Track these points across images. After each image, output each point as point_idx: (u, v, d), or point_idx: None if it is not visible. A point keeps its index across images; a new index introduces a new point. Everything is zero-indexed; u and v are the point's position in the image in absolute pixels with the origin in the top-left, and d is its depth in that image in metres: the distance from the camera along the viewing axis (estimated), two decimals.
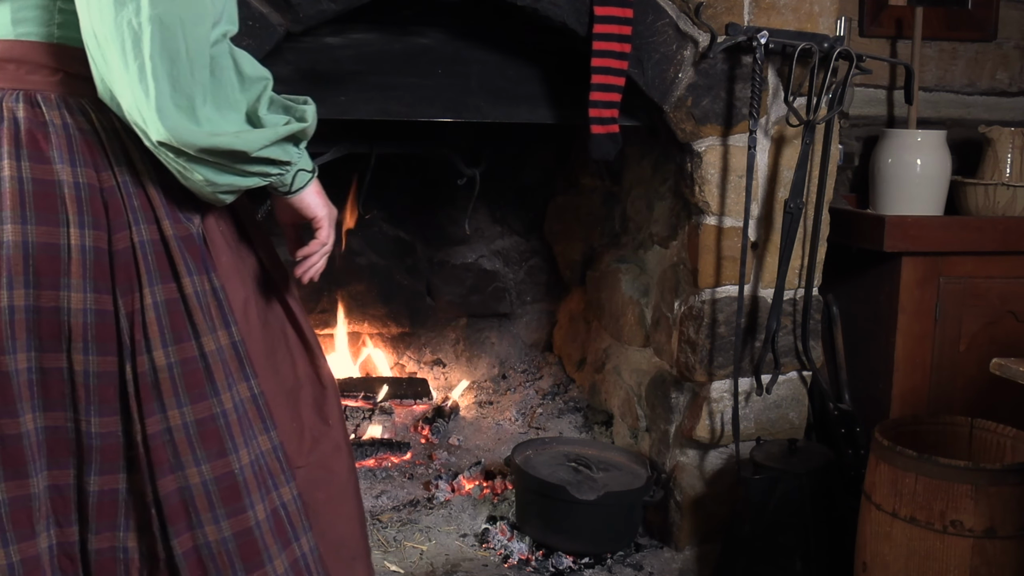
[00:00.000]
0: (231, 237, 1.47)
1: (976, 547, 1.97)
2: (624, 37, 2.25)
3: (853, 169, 3.14)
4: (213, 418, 1.34)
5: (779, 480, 2.37)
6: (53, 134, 1.29)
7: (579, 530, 2.53)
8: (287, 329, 1.56)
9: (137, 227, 1.32)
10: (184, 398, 1.32)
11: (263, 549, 1.36)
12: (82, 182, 1.29)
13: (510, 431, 3.19)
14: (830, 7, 2.45)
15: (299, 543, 1.42)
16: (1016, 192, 2.77)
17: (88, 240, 1.29)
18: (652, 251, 2.84)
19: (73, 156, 1.29)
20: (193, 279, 1.35)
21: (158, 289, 1.32)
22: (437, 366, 3.47)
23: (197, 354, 1.34)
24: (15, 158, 1.27)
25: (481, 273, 3.47)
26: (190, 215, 1.37)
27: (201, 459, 1.33)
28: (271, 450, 1.42)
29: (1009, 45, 3.21)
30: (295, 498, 1.43)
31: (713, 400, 2.56)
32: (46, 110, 1.30)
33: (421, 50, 2.30)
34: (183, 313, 1.34)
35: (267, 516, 1.38)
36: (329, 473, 1.56)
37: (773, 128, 2.49)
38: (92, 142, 1.31)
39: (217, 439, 1.34)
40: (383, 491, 2.80)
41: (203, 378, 1.35)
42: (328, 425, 1.58)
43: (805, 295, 2.56)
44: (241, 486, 1.35)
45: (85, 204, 1.29)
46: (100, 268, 1.31)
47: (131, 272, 1.32)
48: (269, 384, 1.48)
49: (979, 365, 2.55)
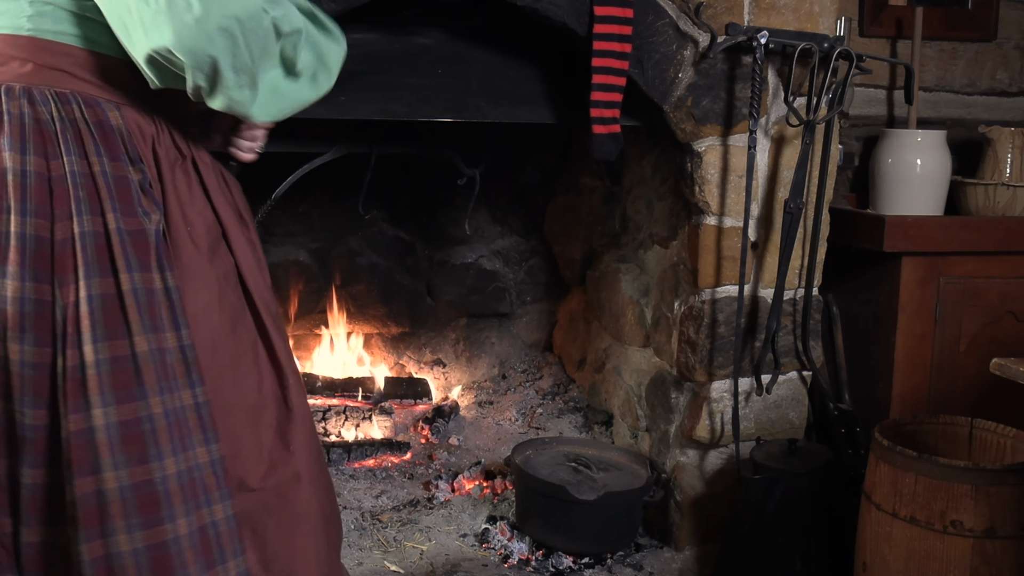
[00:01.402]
0: (204, 239, 1.44)
1: (976, 547, 1.97)
2: (624, 37, 2.25)
3: (853, 169, 3.14)
4: (138, 421, 1.29)
5: (779, 480, 2.37)
6: (7, 123, 1.30)
7: (579, 530, 2.53)
8: (258, 345, 1.51)
9: (80, 217, 1.31)
10: (109, 397, 1.28)
11: (178, 567, 1.29)
12: (29, 170, 1.29)
13: (510, 431, 3.19)
14: (830, 7, 2.45)
15: (225, 566, 1.35)
16: (1016, 192, 2.77)
17: (29, 228, 1.29)
18: (652, 251, 2.84)
19: (24, 144, 1.30)
20: (133, 275, 1.32)
21: (95, 282, 1.30)
22: (437, 366, 3.47)
23: (128, 353, 1.30)
24: None
25: (481, 273, 3.47)
26: (149, 211, 1.36)
27: (120, 463, 1.27)
28: (208, 463, 1.36)
29: (1009, 45, 3.21)
30: (229, 518, 1.37)
31: (713, 400, 2.56)
32: (6, 100, 1.31)
33: (421, 50, 2.30)
34: (118, 309, 1.31)
35: (191, 532, 1.31)
36: (283, 502, 1.49)
37: (773, 128, 2.49)
38: (48, 132, 1.31)
39: (140, 444, 1.29)
40: (383, 491, 2.80)
41: (132, 379, 1.30)
42: (289, 451, 1.51)
43: (805, 295, 2.56)
44: (161, 496, 1.29)
45: (29, 192, 1.29)
46: (40, 257, 1.29)
47: (69, 263, 1.30)
48: (227, 394, 1.43)
49: (979, 365, 2.55)
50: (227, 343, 1.45)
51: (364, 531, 2.61)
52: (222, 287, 1.46)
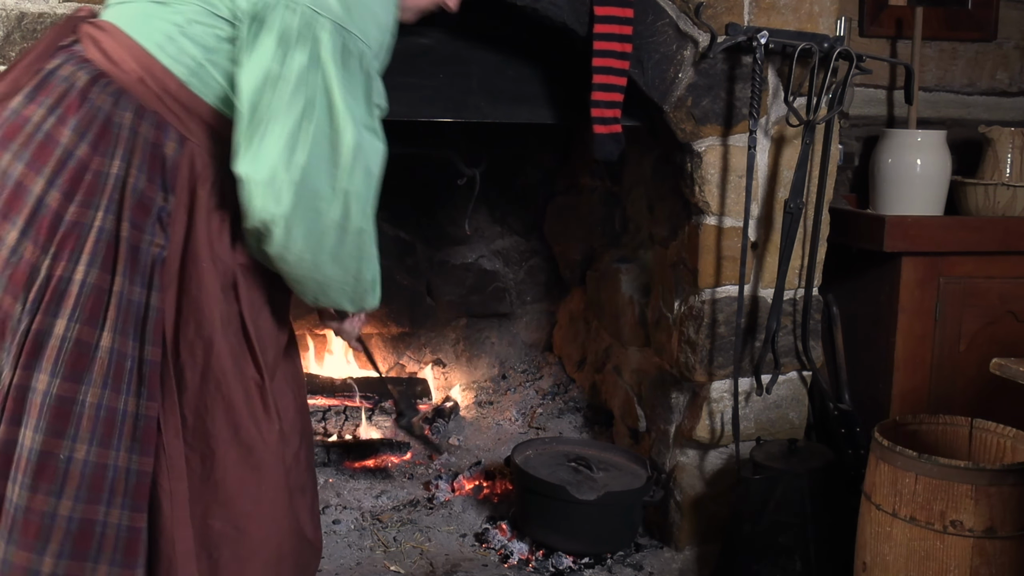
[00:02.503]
0: (225, 278, 1.52)
1: (976, 547, 1.97)
2: (624, 37, 2.25)
3: (853, 169, 3.14)
4: (71, 401, 1.37)
5: (779, 480, 2.37)
6: (84, 109, 1.42)
7: (579, 530, 2.53)
8: (252, 388, 1.57)
9: (104, 213, 1.41)
10: (58, 370, 1.37)
11: (44, 540, 1.36)
12: (76, 153, 1.41)
13: (510, 431, 3.19)
14: (830, 7, 2.45)
15: (95, 567, 1.39)
16: (1016, 192, 2.77)
17: (64, 209, 1.40)
18: (652, 251, 2.84)
19: (85, 131, 1.41)
20: (125, 282, 1.41)
21: (93, 272, 1.39)
22: (437, 366, 3.47)
23: (92, 342, 1.39)
24: (68, 126, 1.42)
25: (481, 273, 3.47)
26: (154, 234, 1.45)
27: (38, 428, 1.36)
28: (125, 470, 1.41)
29: (1009, 45, 3.21)
30: (123, 528, 1.41)
31: (713, 400, 2.56)
32: (95, 91, 1.44)
33: (421, 50, 2.30)
34: (102, 304, 1.40)
35: (72, 517, 1.37)
36: (240, 534, 1.55)
37: (773, 128, 2.49)
38: (111, 132, 1.42)
39: (62, 420, 1.37)
40: (383, 491, 2.80)
41: (85, 364, 1.38)
42: (260, 489, 1.57)
43: (805, 295, 2.56)
44: (58, 472, 1.36)
45: (65, 172, 1.40)
46: (51, 227, 1.40)
47: (75, 243, 1.39)
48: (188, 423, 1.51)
49: (979, 365, 2.55)
50: (226, 376, 1.53)
51: (364, 531, 2.61)
52: (229, 325, 1.54)
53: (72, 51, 1.50)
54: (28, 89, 1.46)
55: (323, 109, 1.43)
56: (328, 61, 1.43)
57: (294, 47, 1.42)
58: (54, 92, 1.44)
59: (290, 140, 1.41)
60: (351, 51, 1.46)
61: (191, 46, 1.45)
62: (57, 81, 1.45)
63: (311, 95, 1.42)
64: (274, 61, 1.42)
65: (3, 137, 1.43)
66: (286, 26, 1.42)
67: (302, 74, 1.42)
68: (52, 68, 1.47)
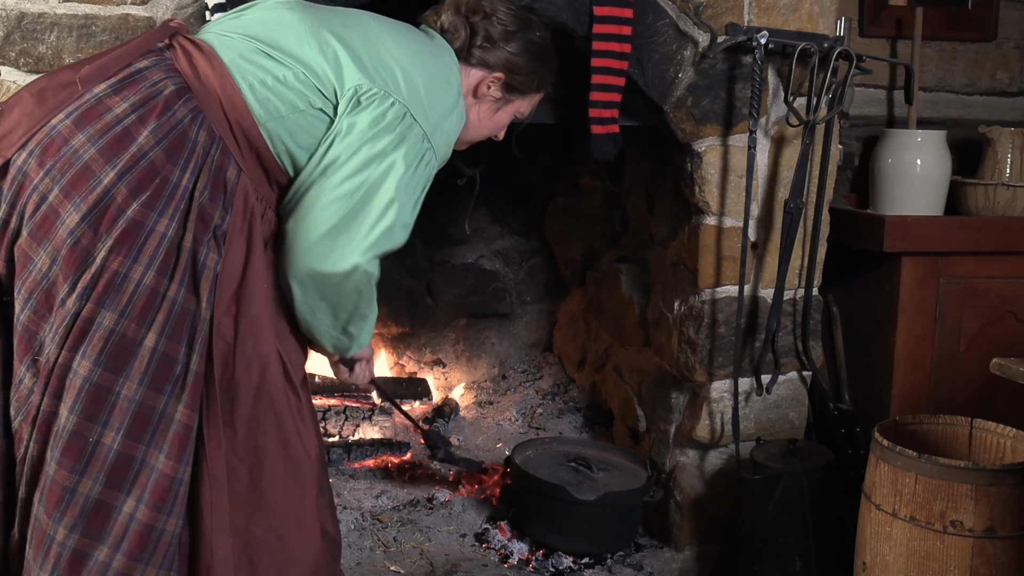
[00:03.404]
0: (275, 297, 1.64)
1: (976, 547, 1.97)
2: (624, 37, 2.25)
3: (853, 169, 3.13)
4: (108, 391, 1.44)
5: (779, 480, 2.37)
6: (167, 116, 1.49)
7: (579, 530, 2.53)
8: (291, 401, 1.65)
9: (169, 221, 1.46)
10: (100, 360, 1.43)
11: (62, 511, 1.43)
12: (150, 155, 1.46)
13: (510, 431, 3.19)
14: (830, 7, 2.45)
15: (99, 545, 1.45)
16: (1016, 192, 2.77)
17: (128, 205, 1.44)
18: (652, 251, 2.84)
19: (162, 138, 1.48)
20: (180, 289, 1.47)
21: (150, 275, 1.45)
22: (437, 366, 3.47)
23: (137, 339, 1.44)
24: (148, 128, 1.49)
25: (481, 273, 3.47)
26: (211, 249, 1.51)
27: (74, 410, 1.43)
28: (151, 467, 1.46)
29: (1009, 45, 3.21)
30: (134, 519, 1.46)
31: (713, 400, 2.56)
32: (181, 104, 1.51)
33: None
34: (154, 305, 1.45)
35: (88, 496, 1.44)
36: (281, 543, 1.62)
37: (773, 128, 2.49)
38: (186, 145, 1.50)
39: (96, 406, 1.43)
40: (383, 491, 2.80)
41: (126, 359, 1.44)
42: (303, 504, 1.66)
43: (805, 295, 2.55)
44: (84, 453, 1.43)
45: (136, 170, 1.45)
46: (108, 220, 1.44)
47: (135, 241, 1.44)
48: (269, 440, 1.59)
49: (979, 365, 2.55)
50: (278, 394, 1.61)
51: (364, 531, 2.61)
52: (269, 361, 1.62)
53: (163, 57, 1.56)
54: (114, 80, 1.50)
55: (378, 194, 1.58)
56: (402, 158, 1.59)
57: (382, 134, 1.58)
58: (140, 92, 1.50)
59: (341, 214, 1.56)
60: (425, 160, 1.65)
61: (279, 99, 1.57)
62: (145, 83, 1.51)
63: (376, 177, 1.57)
64: (358, 138, 1.57)
65: (80, 117, 1.47)
66: (381, 114, 1.58)
67: (377, 156, 1.57)
68: (141, 68, 1.53)
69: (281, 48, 1.59)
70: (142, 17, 2.03)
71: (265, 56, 1.58)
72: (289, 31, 1.61)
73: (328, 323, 1.68)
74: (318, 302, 1.63)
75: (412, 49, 1.69)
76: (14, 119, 1.47)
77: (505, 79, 1.85)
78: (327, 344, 1.74)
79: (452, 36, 1.80)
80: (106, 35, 2.02)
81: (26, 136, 1.46)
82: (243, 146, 1.57)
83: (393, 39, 1.68)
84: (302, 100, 1.58)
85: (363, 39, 1.65)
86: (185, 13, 2.04)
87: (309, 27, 1.62)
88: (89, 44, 2.01)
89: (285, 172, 1.63)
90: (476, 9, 1.82)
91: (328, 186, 1.57)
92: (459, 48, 1.80)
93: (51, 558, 1.44)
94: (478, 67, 1.82)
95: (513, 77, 1.85)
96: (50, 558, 1.44)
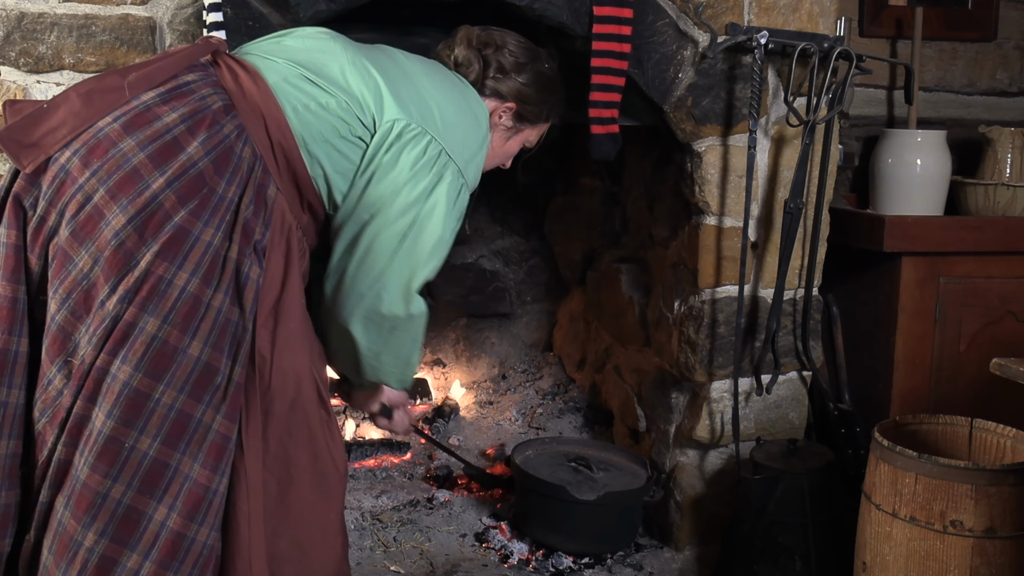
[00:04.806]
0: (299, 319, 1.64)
1: (976, 547, 1.97)
2: (624, 37, 2.25)
3: (853, 169, 3.13)
4: (147, 397, 1.42)
5: (779, 480, 2.37)
6: (217, 134, 1.51)
7: (579, 530, 2.53)
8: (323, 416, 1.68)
9: (215, 231, 1.47)
10: (141, 366, 1.41)
11: (92, 516, 1.41)
12: (199, 165, 1.48)
13: (510, 431, 3.19)
14: (830, 7, 2.45)
15: (128, 553, 1.43)
16: (1016, 192, 2.77)
17: (176, 212, 1.45)
18: (652, 251, 2.84)
19: (211, 150, 1.49)
20: (225, 300, 1.47)
21: (194, 282, 1.44)
22: (437, 366, 3.47)
23: (179, 347, 1.43)
24: (197, 139, 1.50)
25: (481, 273, 3.47)
26: (253, 261, 1.51)
27: (110, 414, 1.41)
28: (184, 475, 1.45)
29: (1009, 45, 3.21)
30: (166, 527, 1.45)
31: (713, 400, 2.56)
32: (229, 122, 1.54)
33: (421, 50, 2.29)
34: (198, 313, 1.44)
35: (120, 501, 1.42)
36: (304, 555, 1.63)
37: (773, 128, 2.49)
38: (232, 159, 1.52)
39: (134, 413, 1.41)
40: (383, 491, 2.80)
41: (167, 366, 1.42)
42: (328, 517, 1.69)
43: (805, 295, 2.55)
44: (120, 458, 1.41)
45: (185, 179, 1.46)
46: (157, 225, 1.45)
47: (182, 248, 1.44)
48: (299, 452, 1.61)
49: (979, 365, 2.55)
50: (311, 408, 1.63)
51: (364, 531, 2.61)
52: (299, 379, 1.64)
53: (208, 72, 1.58)
54: (163, 90, 1.52)
55: (426, 233, 1.66)
56: (444, 196, 1.66)
57: (422, 173, 1.63)
58: (189, 104, 1.51)
59: (392, 251, 1.64)
60: (462, 196, 1.72)
61: (321, 124, 1.60)
62: (193, 96, 1.53)
63: (424, 216, 1.64)
64: (403, 176, 1.63)
65: (129, 122, 1.47)
66: (420, 152, 1.64)
67: (421, 196, 1.64)
68: (188, 81, 1.54)
69: (325, 76, 1.63)
70: (142, 17, 2.03)
71: (309, 82, 1.62)
72: (332, 60, 1.66)
73: (392, 363, 1.77)
74: (383, 347, 1.72)
75: (444, 86, 1.75)
76: (60, 117, 1.47)
77: (517, 109, 1.91)
78: (393, 381, 1.83)
79: (467, 70, 1.87)
80: (106, 35, 2.02)
81: (71, 135, 1.46)
82: (282, 166, 1.60)
83: (427, 76, 1.74)
84: (343, 127, 1.62)
85: (401, 74, 1.70)
86: (185, 13, 2.04)
87: (351, 57, 1.67)
88: (89, 44, 2.01)
89: (318, 195, 1.66)
90: (488, 42, 1.89)
91: (377, 227, 1.64)
92: (473, 80, 1.86)
93: (77, 563, 1.41)
94: (491, 97, 1.89)
95: (524, 107, 1.92)
96: (76, 563, 1.41)
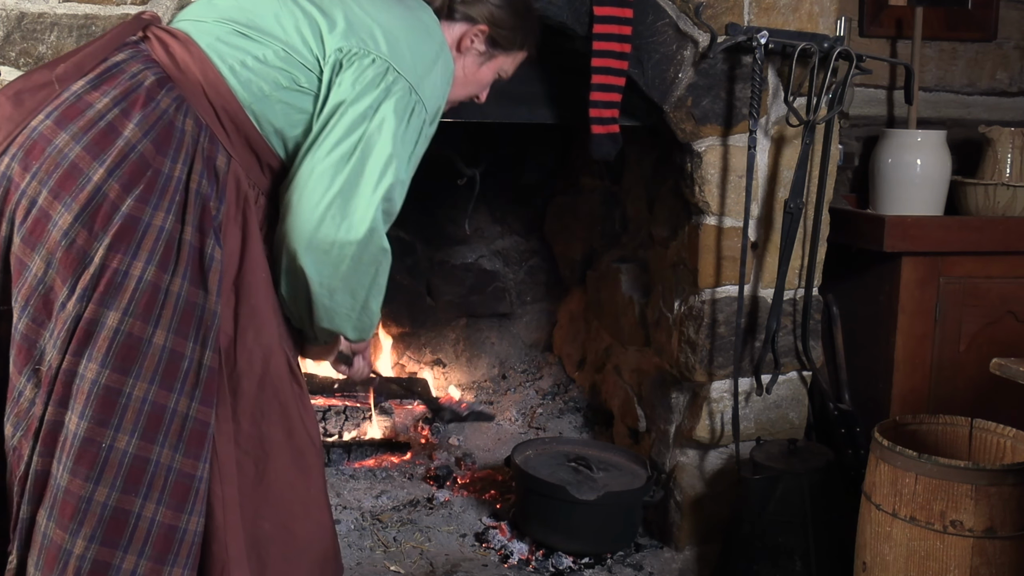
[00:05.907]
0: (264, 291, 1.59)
1: (976, 547, 1.97)
2: (624, 37, 2.25)
3: (853, 169, 3.13)
4: (117, 392, 1.40)
5: (779, 480, 2.37)
6: (150, 108, 1.46)
7: (579, 530, 2.53)
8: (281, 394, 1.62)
9: (166, 215, 1.43)
10: (108, 363, 1.39)
11: (79, 522, 1.39)
12: (138, 148, 1.43)
13: (510, 431, 3.19)
14: (830, 7, 2.45)
15: (122, 555, 1.42)
16: (1016, 192, 2.77)
17: (122, 201, 1.41)
18: (652, 251, 2.84)
19: (149, 130, 1.44)
20: (184, 283, 1.43)
21: (151, 269, 1.41)
22: (437, 366, 3.47)
23: (144, 337, 1.41)
24: (133, 121, 1.46)
25: (481, 273, 3.47)
26: (216, 244, 1.47)
27: (83, 415, 1.39)
28: (166, 467, 1.43)
29: (1009, 45, 3.21)
30: (158, 523, 1.43)
31: (713, 400, 2.56)
32: (164, 94, 1.48)
33: None
34: (157, 301, 1.42)
35: (106, 504, 1.40)
36: (289, 534, 1.60)
37: (773, 128, 2.49)
38: (173, 135, 1.46)
39: (108, 410, 1.39)
40: (383, 491, 2.80)
41: (134, 358, 1.40)
42: (309, 493, 1.64)
43: (805, 295, 2.55)
44: (99, 460, 1.39)
45: (126, 164, 1.42)
46: (102, 218, 1.41)
47: (134, 238, 1.40)
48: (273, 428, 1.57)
49: (979, 365, 2.54)
50: (282, 383, 1.59)
51: (364, 531, 2.61)
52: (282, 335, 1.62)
53: (139, 49, 1.53)
54: (92, 76, 1.47)
55: (375, 151, 1.55)
56: (392, 112, 1.56)
57: (366, 92, 1.55)
58: (120, 85, 1.46)
59: (344, 178, 1.52)
60: (415, 112, 1.61)
61: (262, 79, 1.54)
62: (123, 76, 1.47)
63: (370, 134, 1.54)
64: (343, 99, 1.54)
65: (61, 116, 1.43)
66: (361, 72, 1.55)
67: (366, 113, 1.54)
68: (118, 61, 1.49)
69: (258, 27, 1.57)
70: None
71: (242, 37, 1.55)
72: (264, 8, 1.59)
73: (347, 304, 1.62)
74: (336, 282, 1.57)
75: (387, 4, 1.67)
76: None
77: (489, 32, 1.83)
78: (348, 328, 1.67)
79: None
80: None
81: (7, 140, 1.42)
82: (231, 131, 1.54)
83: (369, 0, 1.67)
84: (285, 77, 1.55)
85: (339, 3, 1.62)
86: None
87: (283, 1, 1.60)
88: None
89: (276, 155, 1.59)
90: None
91: (321, 152, 1.53)
92: (441, 5, 1.79)
93: (69, 573, 1.39)
94: (462, 21, 1.81)
95: (496, 31, 1.84)
96: (68, 574, 1.39)
